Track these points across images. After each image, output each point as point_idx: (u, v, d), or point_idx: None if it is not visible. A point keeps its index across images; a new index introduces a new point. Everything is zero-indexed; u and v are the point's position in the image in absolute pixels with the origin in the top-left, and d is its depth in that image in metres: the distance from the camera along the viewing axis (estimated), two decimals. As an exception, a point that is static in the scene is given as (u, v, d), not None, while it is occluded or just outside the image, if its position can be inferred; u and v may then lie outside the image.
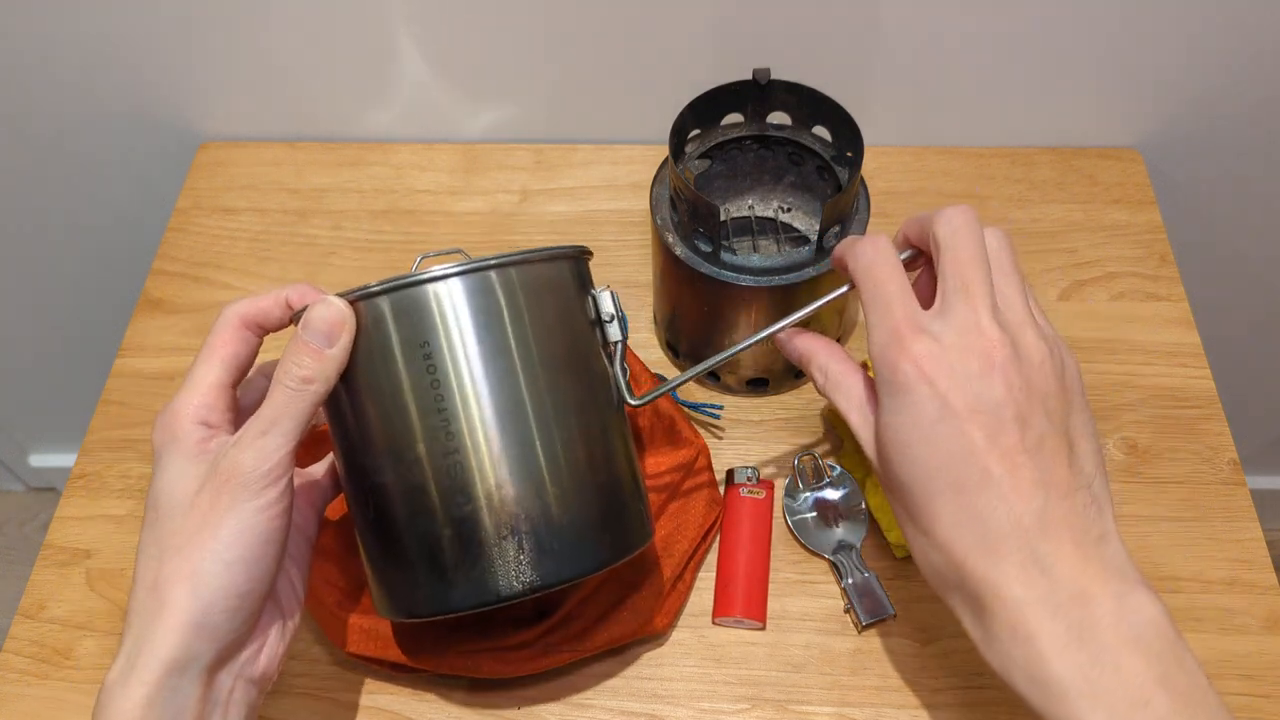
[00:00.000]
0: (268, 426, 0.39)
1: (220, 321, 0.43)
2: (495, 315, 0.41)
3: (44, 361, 1.03)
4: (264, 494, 0.38)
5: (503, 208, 0.71)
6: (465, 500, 0.40)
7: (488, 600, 0.41)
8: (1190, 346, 0.62)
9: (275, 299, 0.43)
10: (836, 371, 0.44)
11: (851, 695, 0.51)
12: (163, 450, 0.40)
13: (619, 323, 0.45)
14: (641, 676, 0.52)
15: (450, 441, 0.40)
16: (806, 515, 0.56)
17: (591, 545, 0.42)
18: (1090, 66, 0.68)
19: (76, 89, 0.73)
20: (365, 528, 0.43)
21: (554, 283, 0.43)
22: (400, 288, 0.40)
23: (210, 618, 0.37)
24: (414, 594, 0.42)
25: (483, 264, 0.41)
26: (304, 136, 0.76)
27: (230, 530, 0.38)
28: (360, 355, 0.41)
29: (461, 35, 0.68)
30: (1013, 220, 0.69)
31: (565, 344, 0.43)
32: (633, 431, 0.56)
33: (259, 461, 0.38)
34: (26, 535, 1.32)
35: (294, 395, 0.39)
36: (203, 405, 0.41)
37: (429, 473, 0.40)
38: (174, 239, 0.71)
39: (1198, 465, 0.58)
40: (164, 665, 0.37)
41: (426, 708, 0.51)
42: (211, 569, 0.37)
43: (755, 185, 0.62)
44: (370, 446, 0.41)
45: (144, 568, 0.39)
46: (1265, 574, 0.54)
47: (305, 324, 0.40)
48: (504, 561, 0.40)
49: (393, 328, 0.40)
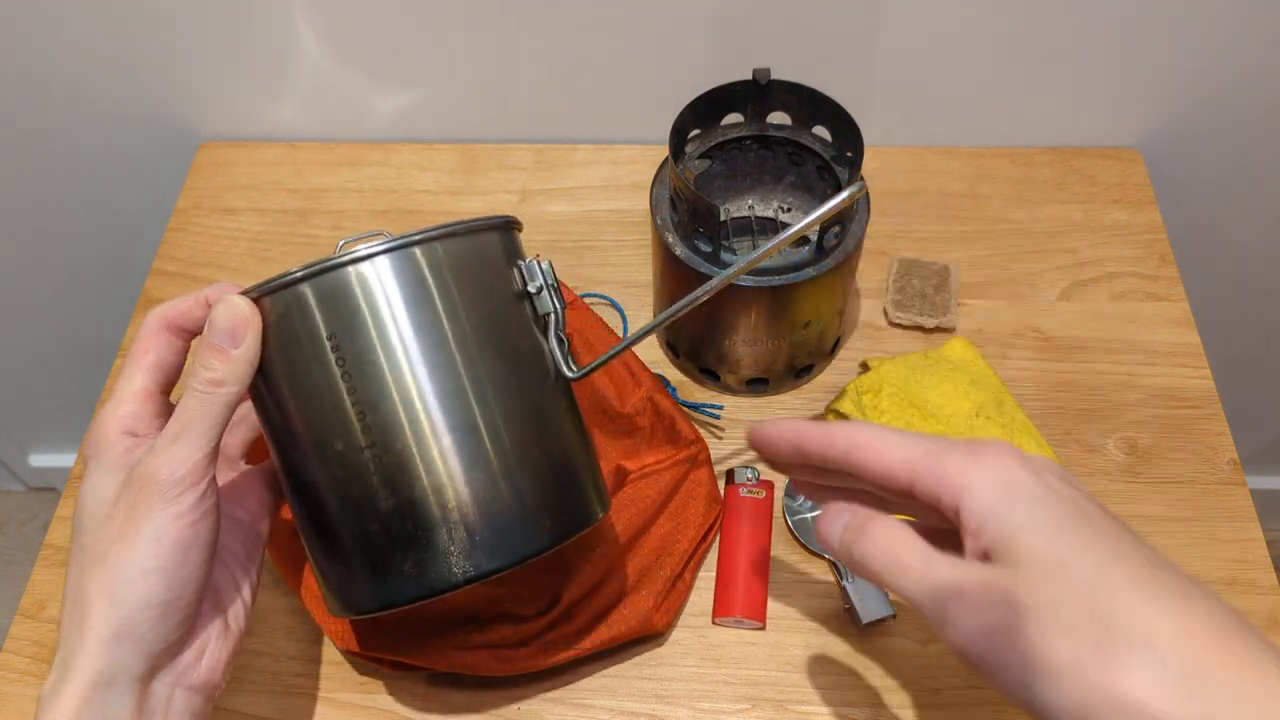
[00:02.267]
0: (180, 432, 0.38)
1: (142, 327, 0.41)
2: (411, 299, 0.39)
3: (44, 361, 1.03)
4: (179, 501, 0.37)
5: (503, 208, 0.71)
6: (389, 494, 0.39)
7: (424, 593, 0.40)
8: (1190, 346, 0.62)
9: (196, 299, 0.42)
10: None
11: (851, 695, 0.51)
12: (89, 461, 0.40)
13: (550, 292, 0.43)
14: (641, 676, 0.52)
15: (368, 435, 0.39)
16: (806, 515, 0.56)
17: (529, 529, 0.40)
18: (1090, 66, 0.68)
19: (76, 90, 0.73)
20: (303, 524, 0.42)
21: (472, 257, 0.41)
22: (307, 277, 0.39)
23: (132, 628, 0.37)
24: (353, 590, 0.41)
25: (394, 243, 0.39)
26: (304, 137, 0.76)
27: (146, 539, 0.37)
28: (275, 349, 0.40)
29: (461, 34, 0.68)
30: (1013, 220, 0.69)
31: (490, 320, 0.41)
32: (632, 430, 0.56)
33: (172, 469, 0.37)
34: (26, 535, 1.32)
35: (204, 399, 0.38)
36: (128, 415, 0.40)
37: (352, 466, 0.39)
38: (174, 239, 0.71)
39: (1198, 465, 0.58)
40: (90, 678, 0.36)
41: (426, 707, 0.51)
42: (129, 579, 0.37)
43: (755, 185, 0.62)
44: (295, 442, 0.40)
45: (69, 581, 0.38)
46: (1265, 574, 0.54)
47: (210, 325, 0.39)
48: (437, 552, 0.39)
49: (301, 319, 0.39)
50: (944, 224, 0.69)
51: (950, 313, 0.64)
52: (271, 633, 0.54)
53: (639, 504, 0.53)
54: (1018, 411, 0.58)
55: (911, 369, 0.59)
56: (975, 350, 0.61)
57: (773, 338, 0.56)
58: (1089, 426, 0.59)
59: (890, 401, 0.58)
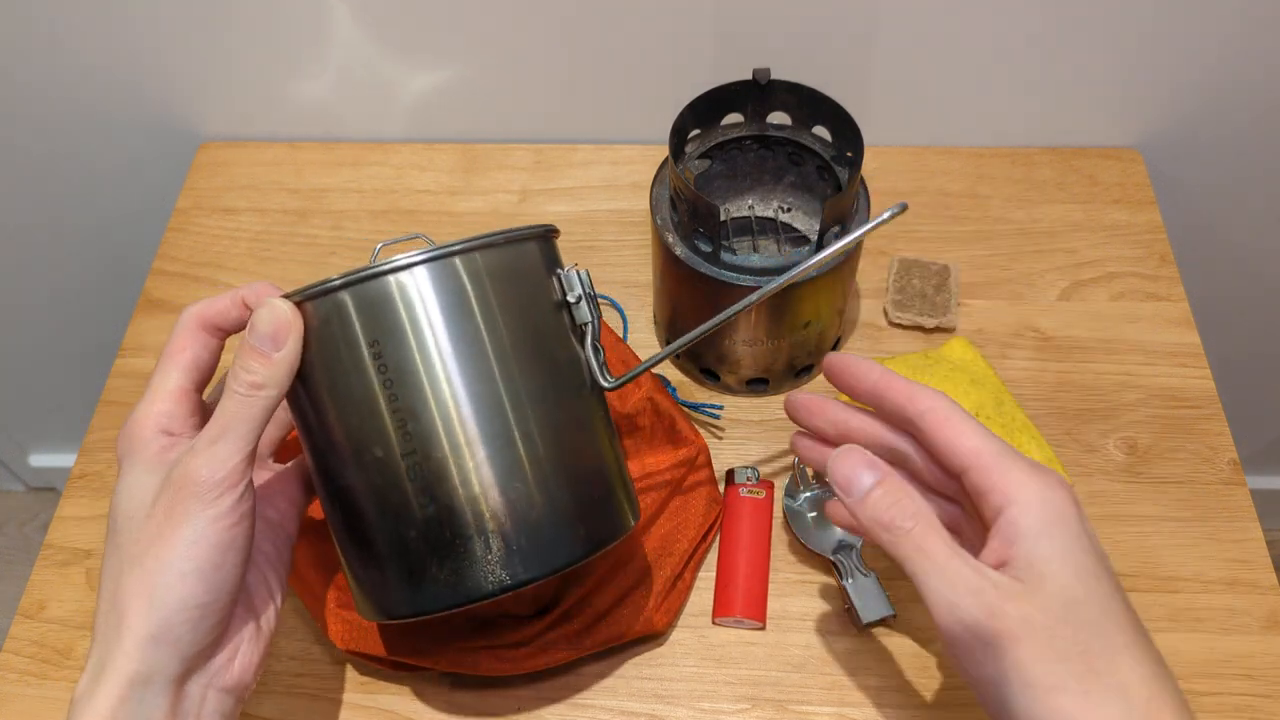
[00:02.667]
0: (219, 434, 0.38)
1: (178, 325, 0.41)
2: (453, 307, 0.39)
3: (44, 361, 1.03)
4: (218, 503, 0.37)
5: (503, 208, 0.71)
6: (428, 501, 0.39)
7: (459, 601, 0.40)
8: (1190, 346, 0.62)
9: (232, 299, 0.41)
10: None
11: (851, 695, 0.51)
12: (124, 460, 0.39)
13: (588, 302, 0.43)
14: (641, 676, 0.52)
15: (409, 442, 0.39)
16: (806, 515, 0.56)
17: (565, 539, 0.41)
18: (1090, 66, 0.68)
19: (77, 90, 0.73)
20: (337, 529, 0.42)
21: (511, 268, 0.41)
22: (348, 284, 0.39)
23: (170, 630, 0.37)
24: (388, 595, 0.41)
25: (434, 253, 0.39)
26: (304, 137, 0.76)
27: (185, 541, 0.37)
28: (315, 355, 0.39)
29: (461, 34, 0.68)
30: (1013, 220, 0.69)
31: (529, 330, 0.41)
32: (632, 430, 0.56)
33: (212, 470, 0.37)
34: (26, 535, 1.32)
35: (245, 401, 0.38)
36: (163, 413, 0.40)
37: (391, 474, 0.39)
38: (174, 239, 0.71)
39: (1198, 465, 0.58)
40: (127, 679, 0.36)
41: (426, 708, 0.51)
42: (167, 581, 0.37)
43: (755, 185, 0.62)
44: (333, 448, 0.40)
45: (105, 580, 0.38)
46: (1265, 574, 0.54)
47: (251, 328, 0.39)
48: (473, 561, 0.39)
49: (342, 326, 0.39)
50: (944, 224, 0.69)
51: (950, 313, 0.64)
52: (271, 633, 0.54)
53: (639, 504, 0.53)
54: (1018, 411, 0.58)
55: (911, 369, 0.59)
56: (975, 350, 0.61)
57: (773, 338, 0.57)
58: (1089, 426, 0.59)
59: (890, 401, 0.58)
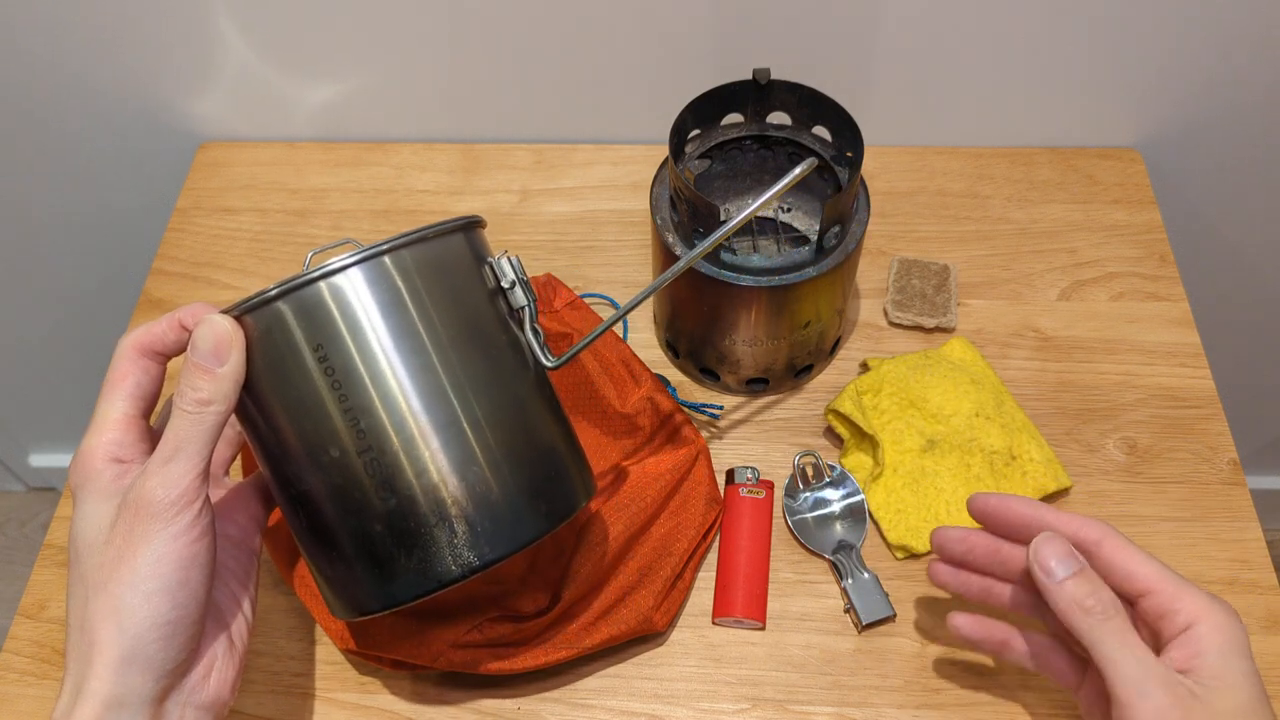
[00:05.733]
0: (172, 453, 0.38)
1: (116, 354, 0.41)
2: (389, 304, 0.40)
3: (44, 361, 1.03)
4: (177, 520, 0.38)
5: (502, 207, 0.71)
6: (389, 494, 0.40)
7: (430, 588, 0.41)
8: (1190, 346, 0.62)
9: (169, 322, 0.42)
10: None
11: (851, 695, 0.51)
12: (78, 491, 0.40)
13: (522, 287, 0.44)
14: (641, 676, 0.52)
15: (363, 439, 0.40)
16: (806, 515, 0.56)
17: (526, 516, 0.42)
18: (1090, 66, 0.68)
19: (77, 89, 0.73)
20: (301, 533, 0.43)
21: (441, 260, 0.42)
22: (284, 293, 0.39)
23: (141, 650, 0.37)
24: (360, 591, 0.42)
25: (365, 254, 0.40)
26: (304, 136, 0.76)
27: (147, 561, 0.37)
28: (261, 365, 0.40)
29: (462, 34, 0.68)
30: (1013, 220, 0.69)
31: (465, 319, 0.42)
32: (633, 430, 0.56)
33: (167, 490, 0.37)
34: (26, 535, 1.32)
35: (194, 419, 0.38)
36: (112, 442, 0.40)
37: (349, 472, 0.40)
38: (174, 239, 0.71)
39: (1198, 465, 0.58)
40: (103, 703, 0.36)
41: (426, 707, 0.51)
42: (133, 602, 0.37)
43: (755, 185, 0.62)
44: (289, 453, 0.41)
45: (72, 609, 0.38)
46: (1265, 574, 0.54)
47: (193, 346, 0.39)
48: (439, 547, 0.41)
49: (284, 334, 0.39)
50: (944, 224, 0.69)
51: (950, 313, 0.64)
52: (271, 633, 0.54)
53: (639, 504, 0.53)
54: (1018, 411, 0.58)
55: (911, 369, 0.59)
56: (975, 350, 0.61)
57: (772, 338, 0.57)
58: (1089, 426, 0.59)
59: (890, 401, 0.58)
